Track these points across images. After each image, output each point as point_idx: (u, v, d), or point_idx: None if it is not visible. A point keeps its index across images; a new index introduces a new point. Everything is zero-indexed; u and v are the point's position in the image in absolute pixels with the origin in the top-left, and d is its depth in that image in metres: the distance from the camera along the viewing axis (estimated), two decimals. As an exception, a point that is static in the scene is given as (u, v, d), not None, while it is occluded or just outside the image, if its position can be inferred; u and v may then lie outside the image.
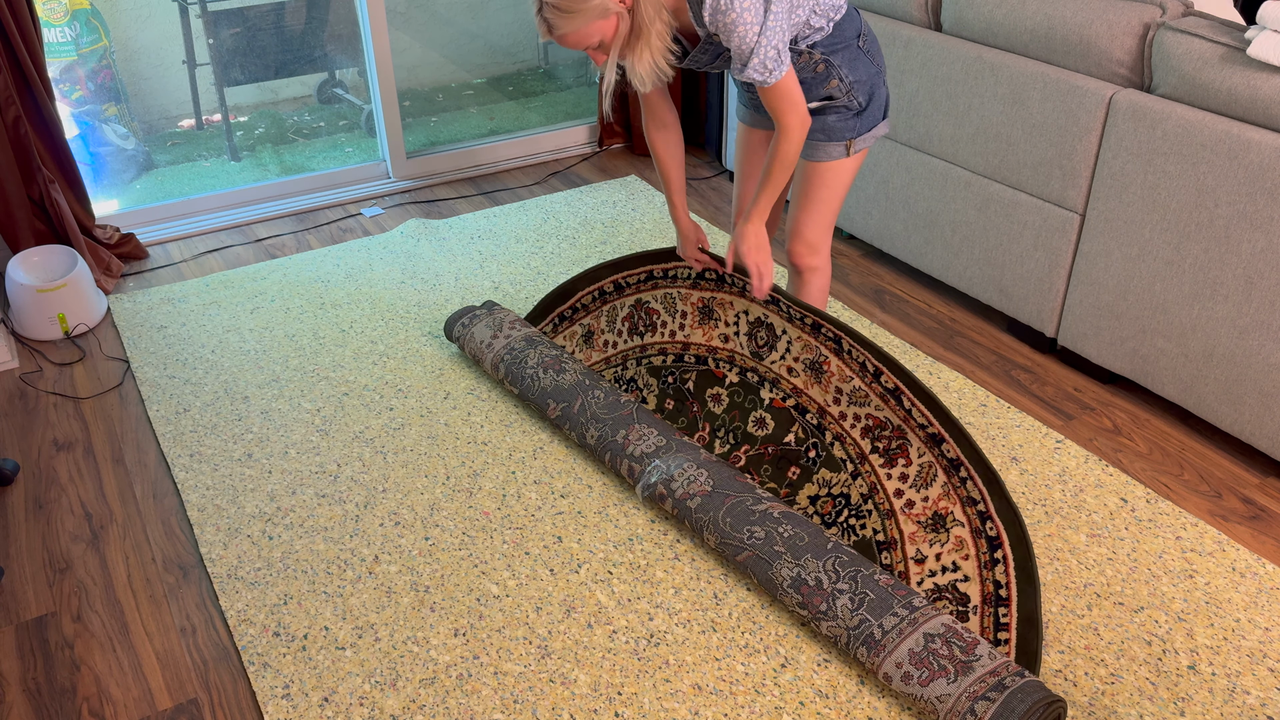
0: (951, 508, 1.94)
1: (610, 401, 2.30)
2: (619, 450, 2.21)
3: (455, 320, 2.67)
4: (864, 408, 2.08)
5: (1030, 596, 1.80)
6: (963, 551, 1.90)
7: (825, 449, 2.12)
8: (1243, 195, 2.13)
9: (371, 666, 1.83)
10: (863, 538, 2.00)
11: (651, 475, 2.11)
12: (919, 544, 1.95)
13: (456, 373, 2.66)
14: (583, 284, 2.58)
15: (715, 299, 2.32)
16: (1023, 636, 1.77)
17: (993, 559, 1.86)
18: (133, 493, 2.27)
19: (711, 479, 2.07)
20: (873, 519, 2.01)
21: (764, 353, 2.24)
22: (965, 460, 1.94)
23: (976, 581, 1.86)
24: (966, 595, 1.86)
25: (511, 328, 2.58)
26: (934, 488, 1.97)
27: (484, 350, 2.56)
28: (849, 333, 2.09)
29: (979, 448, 1.93)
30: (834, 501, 2.07)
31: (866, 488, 2.05)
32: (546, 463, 2.34)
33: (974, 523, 1.91)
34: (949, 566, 1.90)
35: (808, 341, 2.16)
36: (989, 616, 1.82)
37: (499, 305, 2.70)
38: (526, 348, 2.50)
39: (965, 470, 1.93)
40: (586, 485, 2.26)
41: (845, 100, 2.07)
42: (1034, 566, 1.81)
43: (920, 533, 1.95)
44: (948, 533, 1.93)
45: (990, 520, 1.89)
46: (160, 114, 3.75)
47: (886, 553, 1.96)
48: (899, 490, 2.01)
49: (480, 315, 2.65)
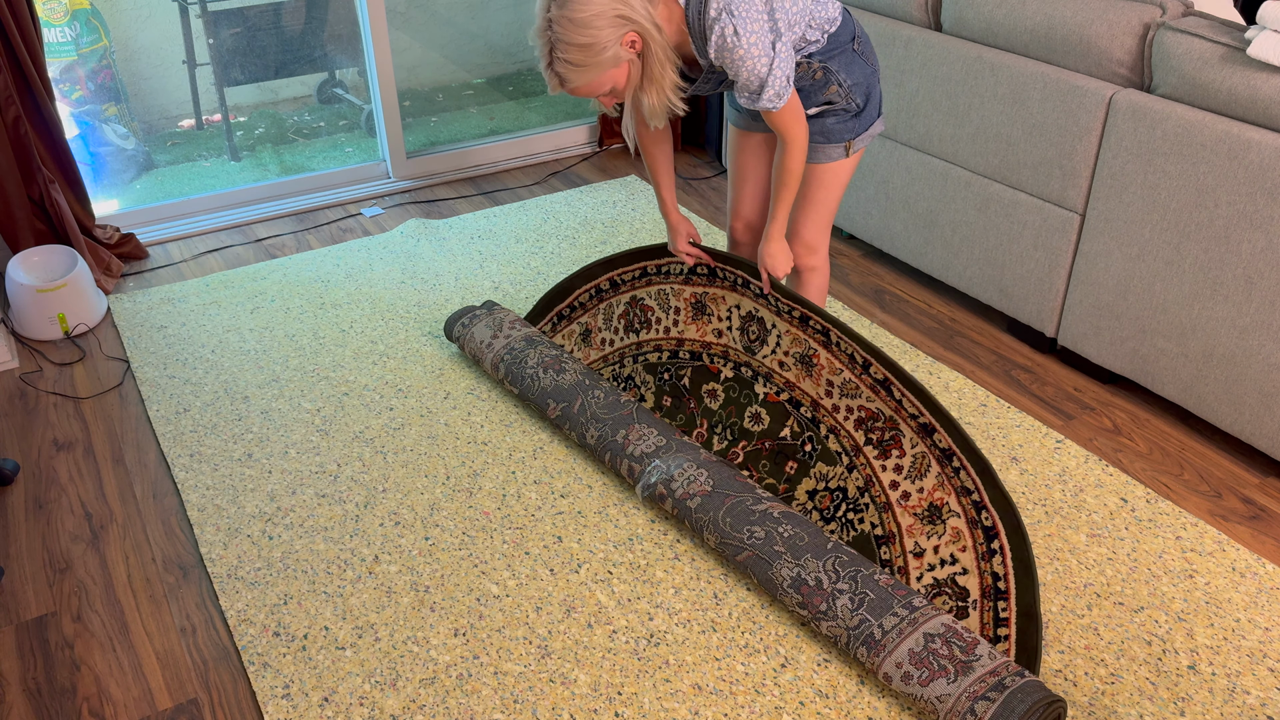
0: (946, 498, 1.94)
1: (610, 401, 2.31)
2: (619, 450, 2.21)
3: (455, 320, 2.67)
4: (855, 399, 2.08)
5: (1028, 589, 1.80)
6: (960, 543, 1.90)
7: (820, 442, 2.12)
8: (1243, 195, 2.13)
9: (371, 666, 1.83)
10: (861, 532, 2.00)
11: (651, 475, 2.11)
12: (917, 537, 1.95)
13: (456, 373, 2.66)
14: (580, 282, 2.58)
15: (708, 294, 2.32)
16: (1022, 631, 1.77)
17: (990, 550, 1.87)
18: (133, 493, 2.27)
19: (711, 479, 2.07)
20: (870, 513, 2.01)
21: (756, 347, 2.24)
22: (957, 450, 1.94)
23: (975, 574, 1.86)
24: (966, 589, 1.86)
25: (511, 327, 2.58)
26: (928, 478, 1.97)
27: (484, 350, 2.56)
28: (836, 325, 2.09)
29: (969, 437, 1.93)
30: (832, 496, 2.08)
31: (862, 480, 2.05)
32: (546, 463, 2.34)
33: (969, 513, 1.91)
34: (947, 559, 1.90)
35: (796, 335, 2.17)
36: (989, 611, 1.82)
37: (499, 305, 2.70)
38: (526, 348, 2.50)
39: (958, 460, 1.94)
40: (586, 485, 2.26)
41: (844, 104, 2.08)
42: (1030, 556, 1.81)
43: (917, 525, 1.96)
44: (944, 524, 1.93)
45: (985, 510, 1.89)
46: (160, 114, 3.75)
47: (885, 547, 1.96)
48: (894, 482, 2.01)
49: (480, 315, 2.65)
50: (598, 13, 1.75)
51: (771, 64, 1.86)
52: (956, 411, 2.49)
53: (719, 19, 1.83)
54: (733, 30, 1.82)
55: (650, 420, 2.25)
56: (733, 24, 1.82)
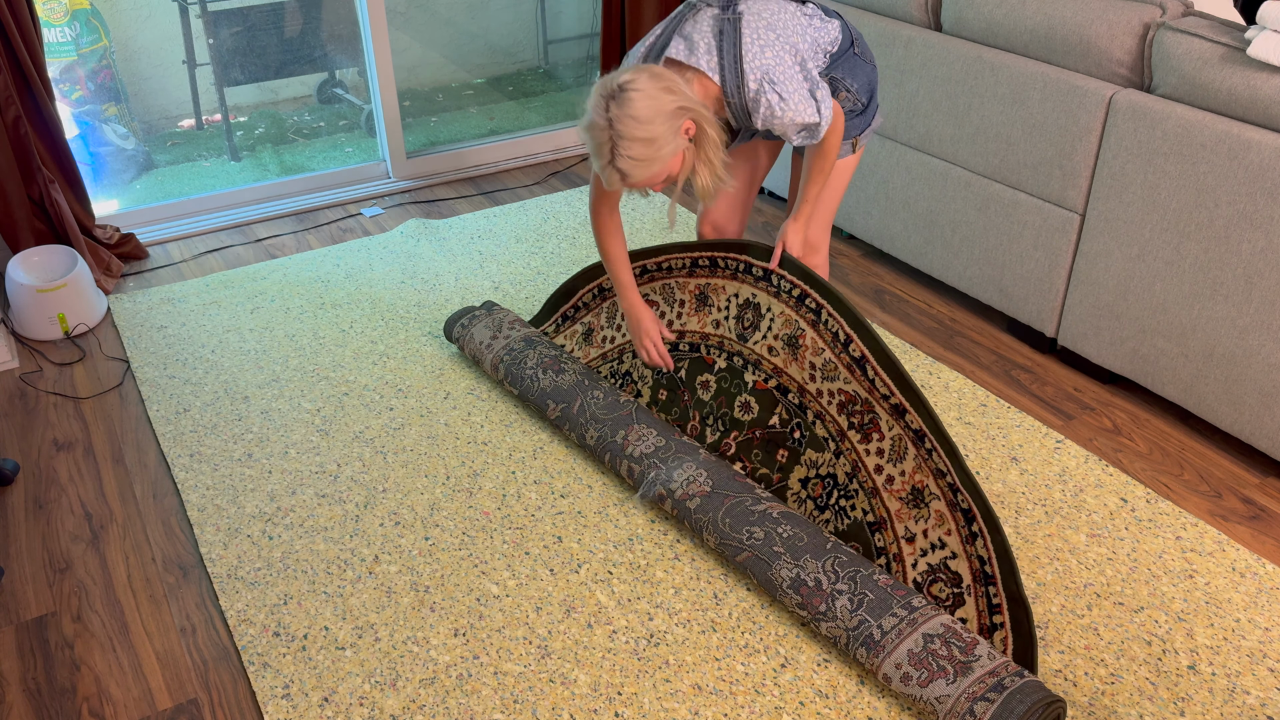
0: (926, 481, 1.95)
1: (609, 402, 2.31)
2: (618, 451, 2.21)
3: (455, 321, 2.67)
4: (834, 382, 2.09)
5: (1009, 573, 1.81)
6: (944, 527, 1.91)
7: (808, 429, 2.13)
8: (1243, 195, 2.13)
9: (371, 666, 1.83)
10: (855, 520, 2.01)
11: (652, 486, 2.12)
12: (906, 521, 1.95)
13: (456, 373, 2.66)
14: (583, 281, 2.58)
15: (710, 284, 2.33)
16: (1015, 618, 1.78)
17: (971, 533, 1.87)
18: (133, 493, 2.27)
19: (711, 479, 2.07)
20: (860, 499, 2.02)
21: (748, 334, 2.25)
22: (928, 431, 1.95)
23: (964, 558, 1.87)
24: (958, 574, 1.86)
25: (510, 328, 2.58)
26: (907, 461, 1.98)
27: (483, 351, 2.56)
28: (830, 298, 2.09)
29: (936, 415, 1.94)
30: (823, 483, 2.08)
31: (849, 465, 2.06)
32: (546, 463, 2.34)
33: (947, 495, 1.91)
34: (936, 544, 1.90)
35: (789, 316, 2.17)
36: (981, 597, 1.83)
37: (498, 305, 2.70)
38: (525, 348, 2.50)
39: (929, 441, 1.94)
40: (586, 485, 2.26)
41: (851, 105, 2.12)
42: (1004, 540, 1.82)
43: (905, 510, 1.96)
44: (927, 508, 1.94)
45: (960, 493, 1.89)
46: (160, 114, 3.75)
47: (879, 534, 1.97)
48: (879, 466, 2.02)
49: (479, 316, 2.65)
50: (659, 109, 1.76)
51: (818, 109, 1.92)
52: (957, 411, 2.49)
53: (761, 92, 1.87)
54: (778, 99, 1.87)
55: (650, 420, 2.25)
56: (776, 93, 1.87)
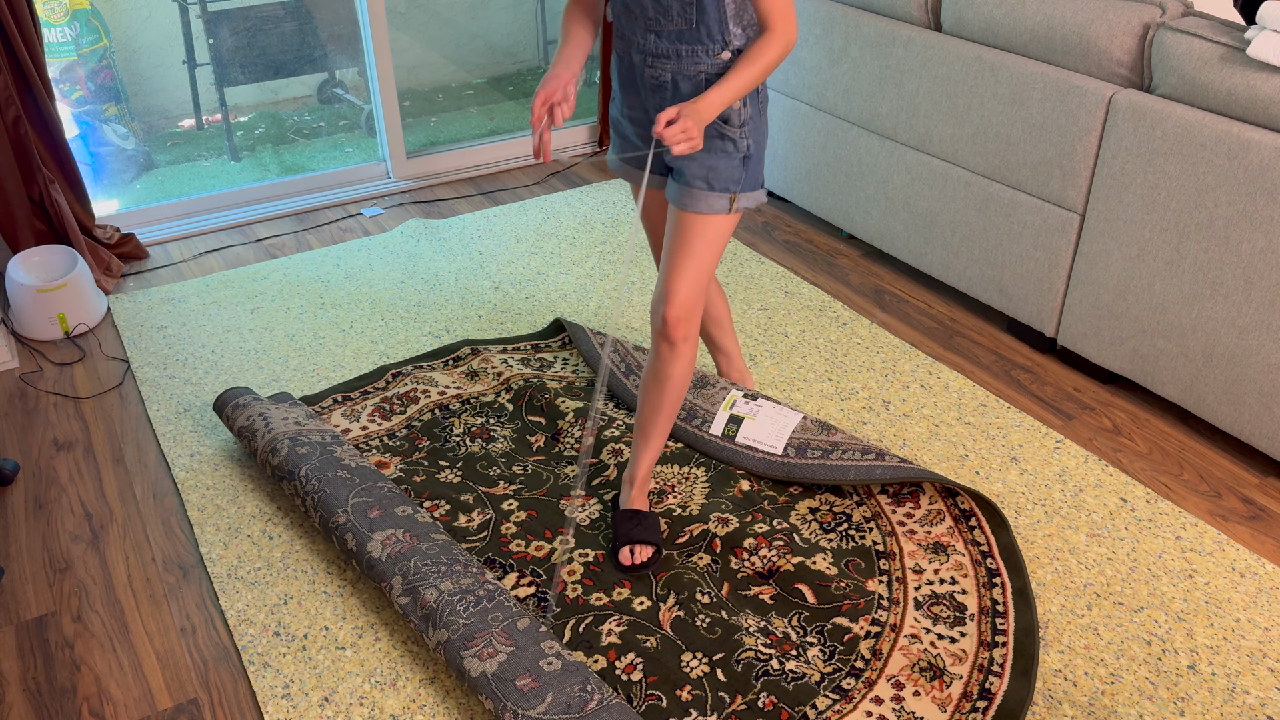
0: (954, 543, 2.02)
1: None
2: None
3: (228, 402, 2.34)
4: None
5: (1026, 615, 1.86)
6: (962, 571, 1.96)
7: (830, 487, 2.18)
8: (1242, 195, 2.13)
9: (371, 666, 1.83)
10: (861, 545, 2.02)
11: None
12: (918, 559, 1.99)
13: (456, 373, 2.65)
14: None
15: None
16: (1020, 643, 1.80)
17: (991, 583, 1.93)
18: (133, 493, 2.27)
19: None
20: (873, 534, 2.05)
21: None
22: (976, 510, 2.05)
23: (974, 595, 1.90)
24: (964, 605, 1.88)
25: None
26: (939, 527, 2.06)
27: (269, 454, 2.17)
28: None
29: (993, 502, 2.05)
30: (835, 516, 2.10)
31: (870, 513, 2.10)
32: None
33: (974, 554, 1.99)
34: (947, 579, 1.94)
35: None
36: (986, 626, 1.83)
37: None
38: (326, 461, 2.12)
39: (975, 519, 2.04)
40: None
41: (737, 133, 1.84)
42: (1030, 592, 1.90)
43: (920, 551, 2.00)
44: (948, 557, 2.00)
45: (991, 558, 1.97)
46: (160, 114, 3.75)
47: (885, 560, 1.98)
48: (902, 520, 2.08)
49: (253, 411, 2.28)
50: None
51: None
52: (957, 412, 2.49)
53: None
54: None
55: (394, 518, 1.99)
56: None
